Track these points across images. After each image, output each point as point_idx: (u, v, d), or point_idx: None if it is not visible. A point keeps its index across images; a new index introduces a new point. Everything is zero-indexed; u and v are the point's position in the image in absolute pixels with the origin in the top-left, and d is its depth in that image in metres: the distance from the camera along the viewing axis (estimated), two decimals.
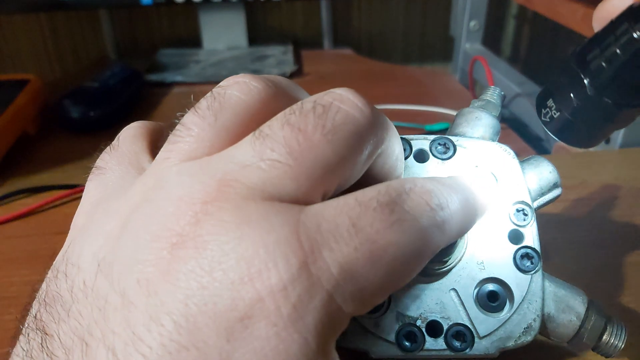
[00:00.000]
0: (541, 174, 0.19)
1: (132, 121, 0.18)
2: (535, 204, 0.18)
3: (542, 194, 0.19)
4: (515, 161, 0.18)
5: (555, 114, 0.16)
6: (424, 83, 0.65)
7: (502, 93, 0.21)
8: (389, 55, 0.84)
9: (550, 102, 0.16)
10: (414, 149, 0.18)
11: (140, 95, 0.57)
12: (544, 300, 0.17)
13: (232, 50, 0.71)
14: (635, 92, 0.15)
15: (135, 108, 0.56)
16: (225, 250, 0.11)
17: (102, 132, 0.51)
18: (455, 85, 0.65)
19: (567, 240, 0.28)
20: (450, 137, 0.19)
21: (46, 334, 0.12)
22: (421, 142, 0.19)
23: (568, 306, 0.17)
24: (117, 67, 0.57)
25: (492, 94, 0.20)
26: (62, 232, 0.15)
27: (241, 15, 0.70)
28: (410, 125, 0.51)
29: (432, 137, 0.19)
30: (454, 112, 0.54)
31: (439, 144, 0.18)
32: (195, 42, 0.73)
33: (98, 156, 0.17)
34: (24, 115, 0.48)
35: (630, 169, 0.36)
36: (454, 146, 0.18)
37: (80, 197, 0.16)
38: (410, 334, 0.16)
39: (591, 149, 0.43)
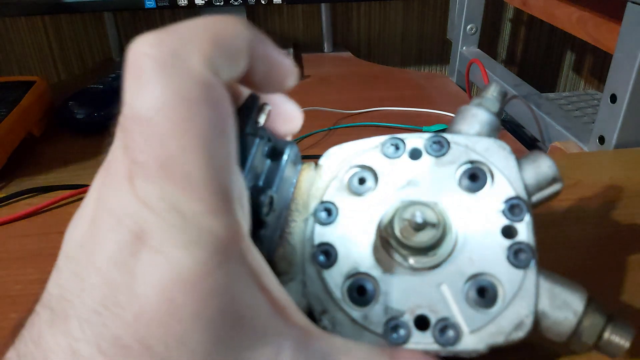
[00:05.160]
0: (539, 168, 0.18)
1: None
2: (534, 199, 0.18)
3: (540, 189, 0.18)
4: (511, 156, 0.18)
5: None
6: (421, 85, 0.66)
7: (503, 90, 0.20)
8: (387, 59, 0.85)
9: None
10: (407, 147, 0.18)
11: None
12: (538, 296, 0.16)
13: None
14: None
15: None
16: None
17: (107, 133, 0.51)
18: (452, 88, 0.66)
19: (562, 239, 0.29)
20: (444, 135, 0.19)
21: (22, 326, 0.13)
22: (415, 141, 0.19)
23: (565, 302, 0.17)
24: (121, 69, 0.58)
25: (492, 91, 0.20)
26: None
27: (243, 19, 0.71)
28: (408, 126, 0.52)
29: (427, 135, 0.19)
30: (451, 114, 0.55)
31: (434, 142, 0.18)
32: None
33: (103, 157, 0.17)
34: (30, 116, 0.49)
35: (624, 169, 0.37)
36: (448, 143, 0.18)
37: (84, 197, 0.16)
38: (398, 326, 0.16)
39: (586, 149, 0.44)
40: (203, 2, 0.67)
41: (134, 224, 0.11)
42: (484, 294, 0.17)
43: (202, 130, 0.11)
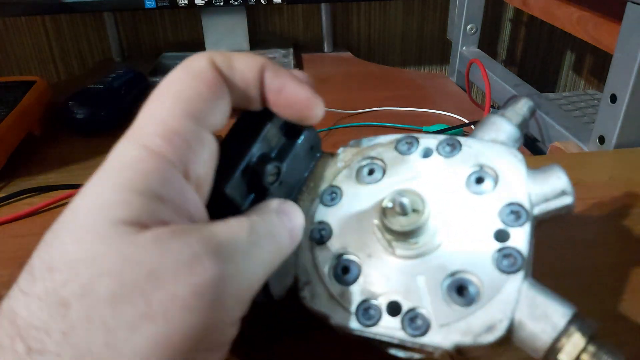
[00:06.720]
0: (548, 178, 0.17)
1: None
2: (537, 210, 0.17)
3: (547, 200, 0.17)
4: (521, 163, 0.18)
5: None
6: (421, 85, 0.66)
7: (532, 106, 0.20)
8: (387, 59, 0.85)
9: None
10: (420, 146, 0.19)
11: (144, 97, 0.58)
12: (517, 303, 0.15)
13: None
14: None
15: (140, 110, 0.56)
16: None
17: (107, 133, 0.52)
18: (452, 88, 0.66)
19: (562, 239, 0.29)
20: (458, 137, 0.19)
21: None
22: (429, 141, 0.19)
23: (545, 314, 0.15)
24: (121, 70, 0.58)
25: (521, 105, 0.20)
26: None
27: (243, 19, 0.71)
28: (408, 126, 0.52)
29: (442, 137, 0.19)
30: (451, 114, 0.55)
31: (447, 144, 0.19)
32: (198, 45, 0.74)
33: (103, 157, 0.18)
34: (30, 116, 0.49)
35: (624, 169, 0.37)
36: (460, 145, 0.19)
37: None
38: (370, 308, 0.17)
39: (586, 149, 0.44)
40: (203, 2, 0.67)
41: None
42: (462, 292, 0.16)
43: (181, 88, 0.16)
